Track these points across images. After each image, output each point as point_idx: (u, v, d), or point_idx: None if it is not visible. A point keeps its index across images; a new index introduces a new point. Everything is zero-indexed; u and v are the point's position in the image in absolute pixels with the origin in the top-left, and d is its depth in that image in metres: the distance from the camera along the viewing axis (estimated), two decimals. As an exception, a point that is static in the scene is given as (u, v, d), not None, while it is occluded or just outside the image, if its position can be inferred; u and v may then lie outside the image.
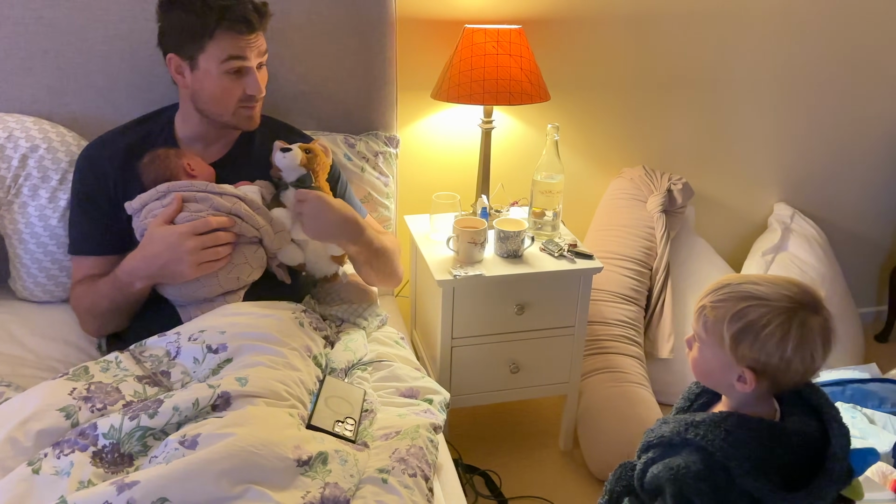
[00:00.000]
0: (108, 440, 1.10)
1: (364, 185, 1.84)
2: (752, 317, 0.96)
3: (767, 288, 0.97)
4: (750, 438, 0.98)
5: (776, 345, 0.95)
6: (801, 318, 0.95)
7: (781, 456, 0.98)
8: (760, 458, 0.97)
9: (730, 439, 0.98)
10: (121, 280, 1.41)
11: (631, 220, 2.31)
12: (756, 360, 0.97)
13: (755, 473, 0.96)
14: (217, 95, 1.46)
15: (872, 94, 2.52)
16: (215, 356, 1.28)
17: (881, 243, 2.79)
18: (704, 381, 1.08)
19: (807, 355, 0.96)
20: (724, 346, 0.98)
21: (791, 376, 0.98)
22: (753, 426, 0.99)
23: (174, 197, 1.39)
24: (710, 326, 1.00)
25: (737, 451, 0.97)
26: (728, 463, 0.97)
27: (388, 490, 1.13)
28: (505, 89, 1.82)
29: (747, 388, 0.99)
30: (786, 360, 0.96)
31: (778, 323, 0.95)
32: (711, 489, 0.98)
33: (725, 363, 1.00)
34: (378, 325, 1.68)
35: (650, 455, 1.09)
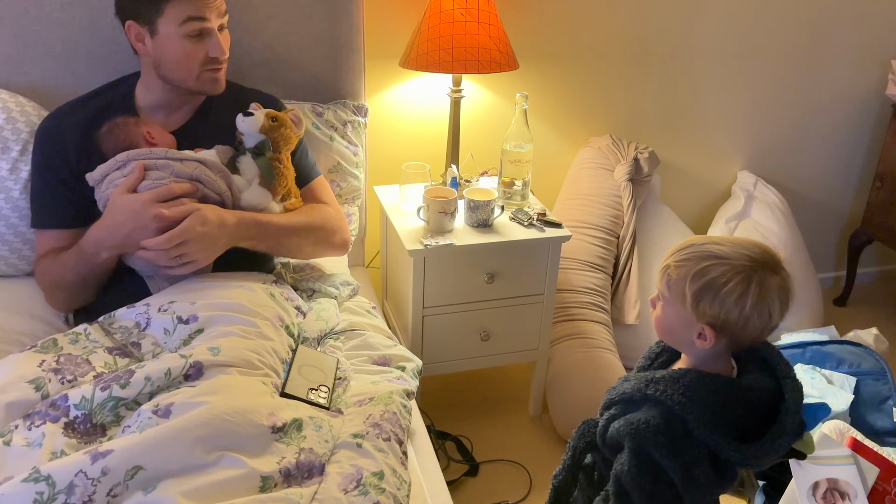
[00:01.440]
0: (80, 411, 1.10)
1: (333, 155, 1.83)
2: (712, 275, 0.99)
3: (729, 248, 1.00)
4: (707, 393, 1.02)
5: (735, 301, 0.98)
6: (760, 277, 0.98)
7: (736, 410, 1.01)
8: (716, 412, 1.00)
9: (688, 394, 1.02)
10: (85, 251, 1.39)
11: (598, 189, 2.33)
12: (716, 316, 0.99)
13: (711, 426, 0.99)
14: (180, 60, 1.44)
15: (833, 63, 2.57)
16: (186, 327, 1.28)
17: (840, 210, 2.86)
18: (666, 339, 1.11)
19: (764, 312, 0.99)
20: (686, 304, 1.01)
21: (749, 333, 1.01)
22: (711, 382, 1.03)
23: (135, 165, 1.37)
24: (673, 284, 1.03)
25: (694, 406, 1.00)
26: (685, 416, 1.00)
27: (362, 454, 1.15)
28: (474, 57, 1.82)
29: (706, 344, 1.02)
30: (744, 316, 0.99)
31: (737, 281, 0.98)
32: (669, 441, 1.01)
33: (686, 320, 1.03)
34: (349, 295, 1.69)
35: (612, 412, 1.13)
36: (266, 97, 1.62)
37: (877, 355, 2.01)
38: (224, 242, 1.39)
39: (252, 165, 1.48)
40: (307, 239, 1.56)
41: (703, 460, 1.02)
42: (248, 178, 1.48)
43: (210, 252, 1.37)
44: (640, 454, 1.03)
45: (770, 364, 1.08)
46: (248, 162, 1.48)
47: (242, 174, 1.48)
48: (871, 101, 2.67)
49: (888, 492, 1.71)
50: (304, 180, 1.61)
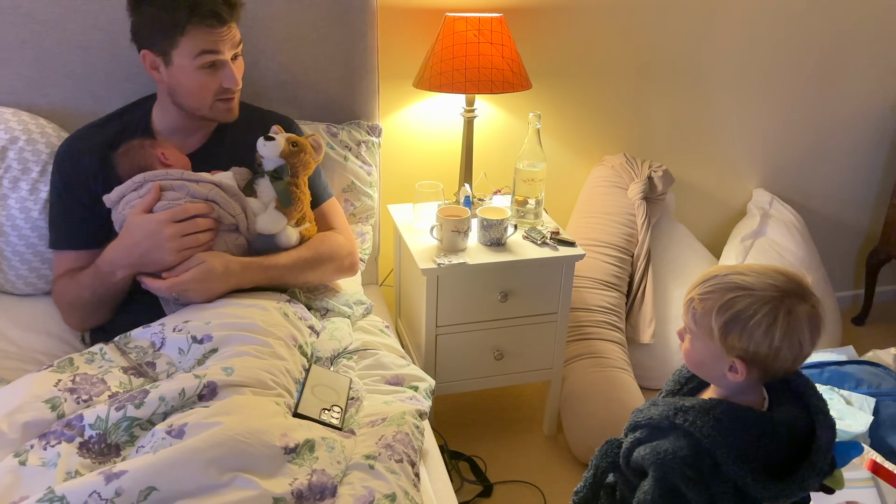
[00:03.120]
0: (95, 431, 1.11)
1: (347, 175, 1.84)
2: (738, 307, 0.97)
3: (753, 278, 0.99)
4: (739, 427, 0.99)
5: (764, 334, 0.96)
6: (787, 307, 0.96)
7: (767, 445, 0.99)
8: (747, 448, 0.98)
9: (718, 427, 1.00)
10: (102, 271, 1.41)
11: (612, 208, 2.33)
12: (745, 349, 0.98)
13: (740, 462, 0.97)
14: (193, 90, 1.46)
15: (849, 80, 2.56)
16: (200, 346, 1.29)
17: (858, 228, 2.83)
18: (697, 372, 1.09)
19: (794, 343, 0.97)
20: (714, 338, 0.99)
21: (781, 364, 0.99)
22: (743, 415, 1.01)
23: (151, 186, 1.39)
24: (699, 318, 1.01)
25: (724, 440, 0.98)
26: (715, 450, 0.98)
27: (374, 476, 1.15)
28: (487, 78, 1.83)
29: (739, 377, 1.00)
30: (774, 348, 0.97)
31: (765, 312, 0.96)
32: (696, 475, 1.00)
33: (716, 354, 1.01)
34: (363, 314, 1.69)
35: (637, 435, 1.11)
36: (282, 119, 1.64)
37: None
38: (225, 289, 1.41)
39: (270, 189, 1.49)
40: (315, 272, 1.58)
41: (729, 495, 1.00)
42: (265, 202, 1.50)
43: (209, 297, 1.39)
44: (665, 484, 1.02)
45: (803, 397, 1.05)
46: (265, 185, 1.50)
47: (259, 197, 1.50)
48: (888, 117, 2.65)
49: (909, 515, 1.68)
50: (317, 202, 1.63)
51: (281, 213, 1.49)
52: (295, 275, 1.54)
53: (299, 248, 1.54)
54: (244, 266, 1.44)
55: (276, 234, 1.50)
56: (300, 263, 1.53)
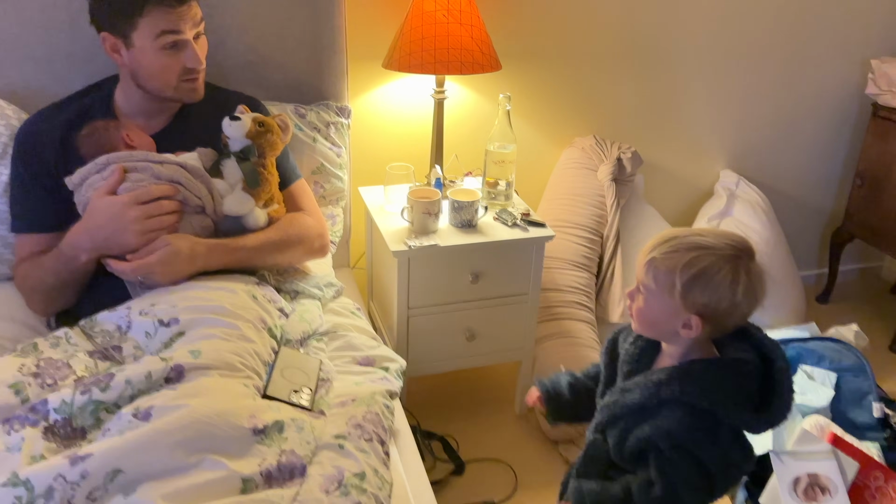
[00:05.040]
0: (60, 415, 1.10)
1: (316, 157, 1.83)
2: (703, 264, 1.01)
3: (712, 238, 1.03)
4: (720, 379, 1.04)
5: (727, 288, 1.01)
6: (745, 264, 1.02)
7: (745, 385, 1.05)
8: (735, 394, 1.03)
9: (704, 385, 1.04)
10: (65, 254, 1.39)
11: (582, 189, 2.34)
12: (706, 305, 1.02)
13: (738, 409, 1.03)
14: (156, 72, 1.43)
15: (814, 62, 2.59)
16: (167, 330, 1.28)
17: (822, 208, 2.89)
18: (648, 331, 1.12)
19: (752, 298, 1.03)
20: (674, 295, 1.03)
21: (735, 319, 1.05)
22: (718, 367, 1.06)
23: (115, 168, 1.37)
24: (661, 277, 1.04)
25: (715, 395, 1.03)
26: (714, 408, 1.03)
27: (344, 455, 1.15)
28: (456, 59, 1.82)
29: (692, 333, 1.04)
30: (735, 303, 1.02)
31: (727, 269, 1.01)
32: (704, 436, 1.04)
33: (673, 311, 1.04)
34: (333, 296, 1.69)
35: (621, 425, 1.13)
36: (248, 99, 1.62)
37: (857, 352, 2.03)
38: (192, 272, 1.40)
39: (236, 170, 1.48)
40: (283, 254, 1.57)
41: (731, 440, 1.05)
42: (231, 183, 1.48)
43: (175, 280, 1.38)
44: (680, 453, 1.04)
45: (743, 332, 1.10)
46: (232, 166, 1.48)
47: (226, 178, 1.48)
48: (852, 99, 2.69)
49: (868, 486, 1.73)
50: (285, 183, 1.61)
51: (248, 195, 1.48)
52: (263, 257, 1.53)
53: (267, 230, 1.53)
54: (211, 248, 1.42)
55: (243, 215, 1.49)
56: (268, 245, 1.52)
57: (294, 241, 1.58)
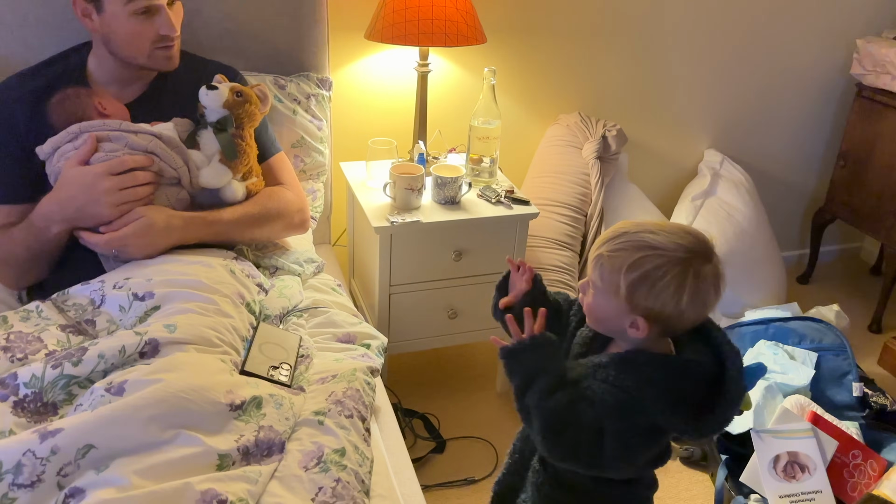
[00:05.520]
0: (30, 389, 1.06)
1: (296, 129, 1.79)
2: (648, 267, 0.95)
3: (663, 237, 0.97)
4: (661, 374, 0.99)
5: (671, 295, 0.95)
6: (695, 269, 0.95)
7: (686, 386, 0.99)
8: (670, 392, 0.98)
9: (641, 376, 0.99)
10: (36, 226, 1.34)
11: (567, 167, 2.32)
12: (650, 309, 0.96)
13: (671, 409, 0.97)
14: (128, 39, 1.39)
15: (799, 42, 2.58)
16: (142, 304, 1.24)
17: (804, 189, 2.90)
18: (597, 327, 1.07)
19: (699, 304, 0.97)
20: (620, 295, 0.97)
21: (683, 324, 0.99)
22: (662, 362, 1.00)
23: (88, 137, 1.32)
24: (607, 275, 0.99)
25: (650, 389, 0.98)
26: (644, 401, 0.98)
27: (324, 431, 1.13)
28: (441, 30, 1.79)
29: (640, 334, 0.99)
30: (680, 309, 0.96)
31: (674, 274, 0.95)
32: (620, 423, 0.99)
33: (619, 311, 0.99)
34: (314, 272, 1.66)
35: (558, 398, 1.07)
36: (226, 69, 1.57)
37: (837, 331, 2.04)
38: (167, 245, 1.36)
39: (213, 141, 1.44)
40: (263, 229, 1.54)
41: (647, 436, 1.00)
42: (208, 155, 1.44)
43: (150, 253, 1.34)
44: (596, 422, 1.00)
45: (704, 332, 1.04)
46: (209, 137, 1.44)
47: (202, 150, 1.44)
48: (836, 80, 2.69)
49: (846, 464, 1.74)
50: (264, 156, 1.57)
51: (225, 167, 1.44)
52: (241, 231, 1.49)
53: (245, 204, 1.49)
54: (187, 221, 1.39)
55: (220, 188, 1.45)
56: (246, 219, 1.49)
57: (273, 215, 1.54)
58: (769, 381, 1.91)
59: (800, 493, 1.68)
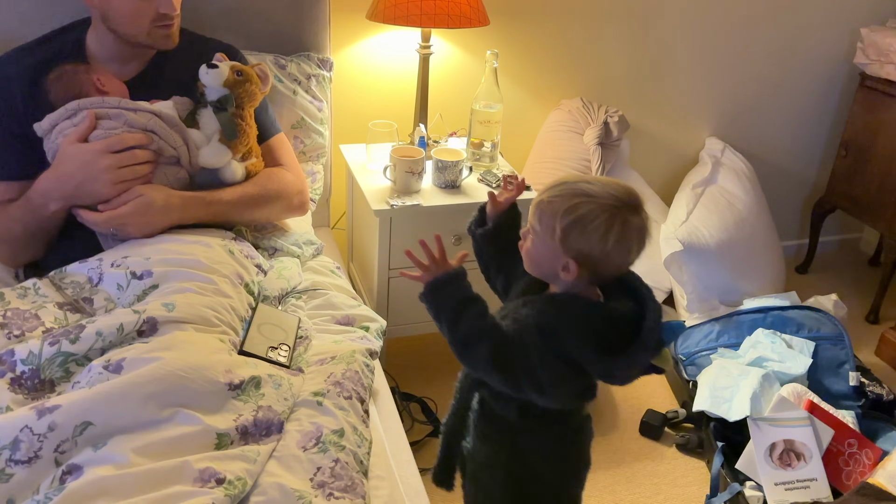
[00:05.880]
0: (27, 366, 1.06)
1: (296, 110, 1.77)
2: (581, 212, 1.03)
3: (598, 187, 1.05)
4: (578, 309, 1.07)
5: (599, 238, 1.03)
6: (623, 217, 1.04)
7: (604, 330, 1.06)
8: (586, 327, 1.06)
9: (560, 308, 1.08)
10: (34, 203, 1.33)
11: (568, 153, 2.31)
12: (580, 251, 1.05)
13: (581, 338, 1.05)
14: (127, 16, 1.37)
15: (803, 30, 2.57)
16: (140, 282, 1.24)
17: (805, 178, 2.89)
18: (534, 271, 1.14)
19: (623, 250, 1.05)
20: (555, 238, 1.05)
21: (608, 267, 1.07)
22: (583, 302, 1.09)
23: (87, 114, 1.31)
24: (545, 220, 1.06)
25: (566, 319, 1.06)
26: (557, 326, 1.05)
27: (323, 412, 1.13)
28: (443, 11, 1.77)
29: (570, 276, 1.07)
30: (606, 252, 1.04)
31: (603, 219, 1.03)
32: (541, 345, 1.05)
33: (554, 253, 1.07)
34: (313, 255, 1.65)
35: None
36: (226, 47, 1.55)
37: (835, 321, 2.05)
38: (166, 224, 1.36)
39: (213, 120, 1.43)
40: (262, 210, 1.53)
41: (562, 368, 1.06)
42: (208, 134, 1.43)
43: (148, 232, 1.34)
44: (521, 338, 1.06)
45: (633, 290, 1.12)
46: (208, 116, 1.43)
47: (202, 129, 1.43)
48: (839, 69, 2.68)
49: (842, 453, 1.75)
50: (263, 137, 1.56)
51: (225, 147, 1.43)
52: (240, 212, 1.48)
53: (245, 185, 1.48)
54: (185, 201, 1.38)
55: (219, 168, 1.44)
56: (246, 200, 1.48)
57: (272, 196, 1.53)
58: (766, 369, 1.91)
59: (795, 480, 1.69)
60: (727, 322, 2.15)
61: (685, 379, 2.08)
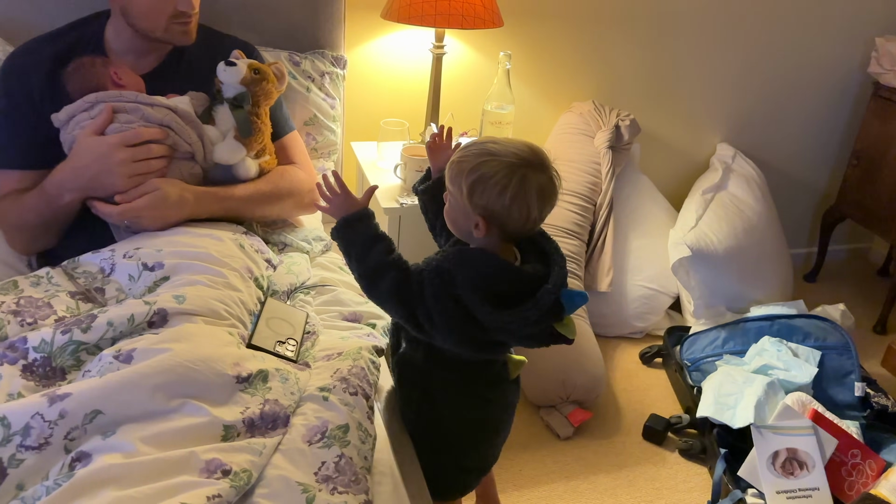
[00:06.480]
0: (39, 354, 1.07)
1: (309, 107, 1.79)
2: (483, 170, 1.09)
3: (501, 147, 1.11)
4: (479, 261, 1.12)
5: (498, 194, 1.09)
6: (522, 173, 1.09)
7: (504, 286, 1.11)
8: (483, 278, 1.10)
9: (461, 258, 1.13)
10: (49, 193, 1.35)
11: (578, 156, 2.32)
12: (484, 207, 1.10)
13: (474, 287, 1.09)
14: (146, 11, 1.38)
15: (817, 38, 2.56)
16: (151, 274, 1.25)
17: (816, 186, 2.88)
18: (453, 229, 1.20)
19: (523, 206, 1.10)
20: (463, 195, 1.12)
21: (513, 224, 1.12)
22: (486, 256, 1.13)
23: (104, 107, 1.32)
24: (455, 178, 1.13)
25: (464, 268, 1.11)
26: (455, 273, 1.10)
27: (328, 407, 1.14)
28: (458, 11, 1.78)
29: (480, 233, 1.13)
30: (505, 207, 1.09)
31: (502, 175, 1.08)
32: (439, 287, 1.11)
33: (465, 211, 1.13)
34: (322, 251, 1.66)
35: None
36: (243, 45, 1.57)
37: (842, 330, 2.04)
38: (179, 219, 1.37)
39: (229, 117, 1.44)
40: (273, 207, 1.54)
41: (460, 316, 1.11)
42: (223, 130, 1.44)
43: (162, 226, 1.35)
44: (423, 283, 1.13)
45: (546, 255, 1.18)
46: (224, 113, 1.44)
47: (217, 125, 1.44)
48: (853, 77, 2.67)
49: (844, 462, 1.75)
50: (277, 134, 1.58)
51: (240, 144, 1.44)
52: (252, 208, 1.50)
53: (257, 181, 1.50)
54: (199, 196, 1.39)
55: (233, 164, 1.45)
56: (258, 196, 1.49)
57: (284, 193, 1.55)
58: (771, 377, 1.91)
59: (797, 489, 1.69)
60: (733, 329, 2.15)
61: (689, 384, 2.08)
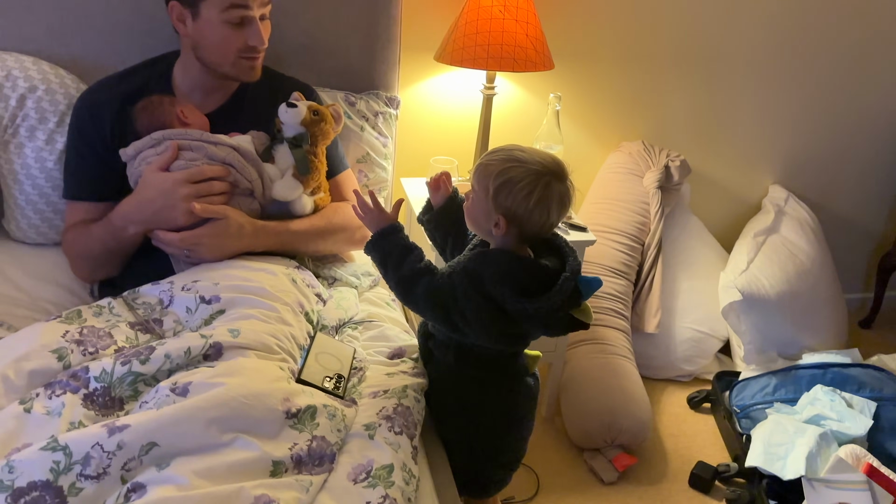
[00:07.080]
0: (100, 383, 1.12)
1: (363, 145, 1.83)
2: (511, 174, 1.19)
3: (528, 155, 1.21)
4: (502, 259, 1.22)
5: (523, 198, 1.19)
6: (546, 181, 1.19)
7: (523, 279, 1.20)
8: (507, 274, 1.20)
9: (485, 257, 1.24)
10: (114, 224, 1.41)
11: (626, 195, 2.31)
12: (507, 208, 1.20)
13: (500, 282, 1.19)
14: (218, 45, 1.45)
15: (875, 81, 2.52)
16: (208, 307, 1.29)
17: (872, 231, 2.81)
18: (473, 228, 1.29)
19: (544, 210, 1.20)
20: (489, 196, 1.21)
21: (532, 225, 1.22)
22: (507, 253, 1.24)
23: (170, 144, 1.38)
24: (482, 180, 1.22)
25: (489, 265, 1.21)
26: (481, 271, 1.20)
27: (374, 446, 1.15)
28: (509, 55, 1.81)
29: (500, 232, 1.22)
30: (528, 210, 1.19)
31: (528, 181, 1.19)
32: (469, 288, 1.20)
33: (487, 211, 1.22)
34: (370, 286, 1.69)
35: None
36: (303, 87, 1.63)
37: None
38: (237, 250, 1.42)
39: (288, 156, 1.49)
40: (326, 242, 1.59)
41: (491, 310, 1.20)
42: (282, 168, 1.49)
43: (219, 256, 1.40)
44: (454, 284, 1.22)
45: (558, 249, 1.27)
46: (284, 152, 1.49)
47: (277, 163, 1.49)
48: (912, 121, 2.61)
49: (901, 521, 1.68)
50: (332, 172, 1.62)
51: (297, 181, 1.49)
52: (306, 243, 1.54)
53: (312, 217, 1.54)
54: (258, 229, 1.44)
55: (291, 201, 1.50)
56: (312, 232, 1.54)
57: (337, 229, 1.59)
58: (824, 427, 1.86)
59: (850, 546, 1.63)
60: (785, 376, 2.10)
61: (738, 432, 2.04)
